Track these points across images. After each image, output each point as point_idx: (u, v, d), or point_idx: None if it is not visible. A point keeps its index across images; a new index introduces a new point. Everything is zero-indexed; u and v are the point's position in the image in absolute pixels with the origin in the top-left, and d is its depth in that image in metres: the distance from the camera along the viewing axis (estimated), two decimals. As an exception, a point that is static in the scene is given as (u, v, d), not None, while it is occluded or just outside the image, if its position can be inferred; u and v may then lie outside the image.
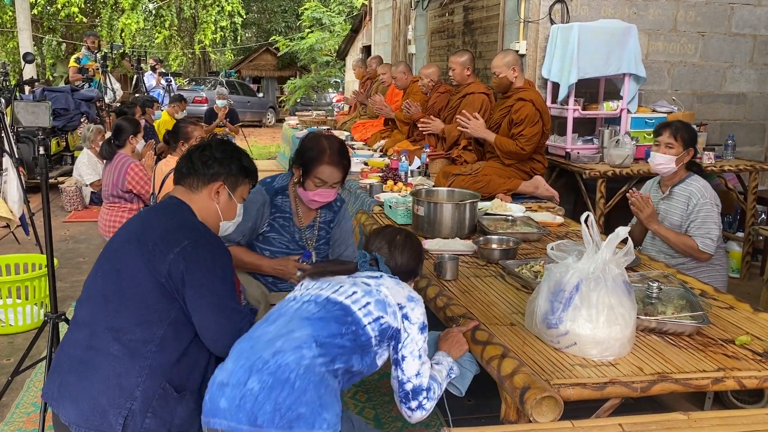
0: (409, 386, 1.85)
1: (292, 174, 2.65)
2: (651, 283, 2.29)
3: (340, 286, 1.86)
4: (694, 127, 3.33)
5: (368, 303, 1.82)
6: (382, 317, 1.82)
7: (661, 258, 3.25)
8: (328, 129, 7.90)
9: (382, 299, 1.83)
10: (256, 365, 1.68)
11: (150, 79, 11.59)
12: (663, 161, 3.24)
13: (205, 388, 1.88)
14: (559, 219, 3.67)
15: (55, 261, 3.11)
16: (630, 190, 3.34)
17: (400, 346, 1.86)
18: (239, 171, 2.08)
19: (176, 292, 1.81)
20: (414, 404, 1.86)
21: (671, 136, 3.23)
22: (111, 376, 1.76)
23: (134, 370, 1.77)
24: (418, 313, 1.87)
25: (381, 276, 1.91)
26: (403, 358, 1.85)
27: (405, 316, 1.86)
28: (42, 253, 4.76)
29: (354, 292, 1.84)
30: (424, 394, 1.86)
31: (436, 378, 1.93)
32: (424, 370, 1.87)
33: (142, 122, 6.19)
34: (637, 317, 2.04)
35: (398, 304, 1.86)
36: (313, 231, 2.70)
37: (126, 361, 1.77)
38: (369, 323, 1.80)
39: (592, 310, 1.92)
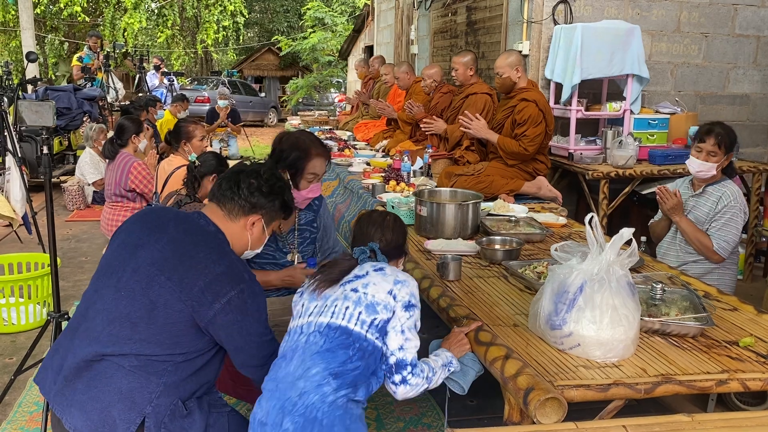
0: (392, 359, 1.88)
1: None
2: (655, 285, 2.28)
3: (335, 305, 1.91)
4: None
5: (360, 313, 1.88)
6: (375, 318, 1.87)
7: (680, 254, 3.26)
8: (330, 129, 7.90)
9: (370, 302, 1.89)
10: (287, 407, 1.77)
11: (152, 79, 11.61)
12: (704, 169, 3.18)
13: (206, 395, 1.91)
14: (562, 220, 3.66)
15: (58, 260, 3.11)
16: (658, 187, 3.32)
17: (387, 324, 1.90)
18: (280, 207, 2.07)
19: (211, 333, 1.83)
20: (397, 378, 1.88)
21: (716, 144, 3.14)
22: (124, 389, 1.75)
23: (149, 386, 1.76)
24: (404, 292, 1.91)
25: (367, 273, 1.95)
26: (386, 332, 1.89)
27: (394, 297, 1.90)
28: (45, 252, 4.77)
29: (347, 308, 1.89)
30: (408, 369, 1.88)
31: (428, 362, 1.97)
32: (408, 346, 1.90)
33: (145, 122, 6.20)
34: (641, 318, 2.04)
35: (388, 291, 1.90)
36: (294, 234, 2.70)
37: (141, 375, 1.76)
38: (367, 331, 1.86)
39: (596, 312, 1.92)
